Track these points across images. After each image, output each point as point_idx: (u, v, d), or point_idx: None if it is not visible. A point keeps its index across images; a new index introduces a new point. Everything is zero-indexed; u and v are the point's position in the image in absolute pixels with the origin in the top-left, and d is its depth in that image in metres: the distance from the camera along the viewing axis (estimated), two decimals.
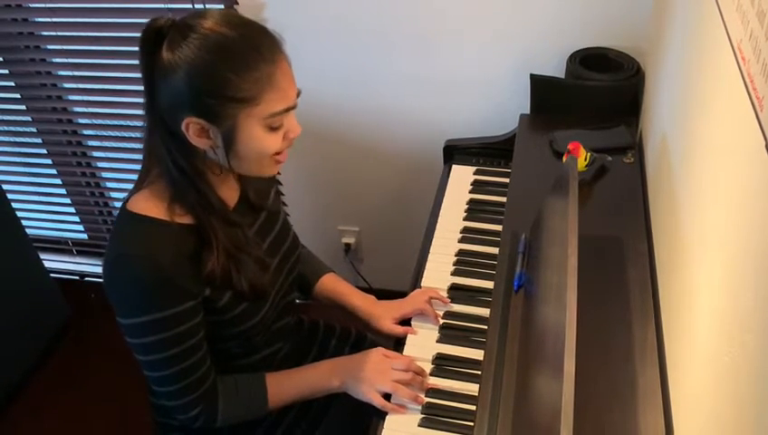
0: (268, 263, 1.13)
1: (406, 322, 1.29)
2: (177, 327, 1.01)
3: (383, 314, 1.28)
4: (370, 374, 1.14)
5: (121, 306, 1.00)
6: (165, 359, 1.02)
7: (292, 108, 0.99)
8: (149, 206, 1.00)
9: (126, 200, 1.04)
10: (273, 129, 0.97)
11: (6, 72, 2.03)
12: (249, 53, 0.92)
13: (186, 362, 1.04)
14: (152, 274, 0.96)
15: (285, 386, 1.17)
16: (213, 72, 0.90)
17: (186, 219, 1.01)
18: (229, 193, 1.08)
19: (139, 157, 2.05)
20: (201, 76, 0.90)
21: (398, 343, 1.26)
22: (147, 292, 0.98)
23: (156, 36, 0.92)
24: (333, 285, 1.35)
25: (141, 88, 0.95)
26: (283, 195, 1.95)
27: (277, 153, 1.00)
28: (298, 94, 0.99)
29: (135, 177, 1.04)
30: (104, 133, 2.12)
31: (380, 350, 1.19)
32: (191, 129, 0.94)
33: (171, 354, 1.02)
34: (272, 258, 1.15)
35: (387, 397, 1.13)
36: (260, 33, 0.95)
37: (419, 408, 1.11)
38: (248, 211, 1.13)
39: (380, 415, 1.11)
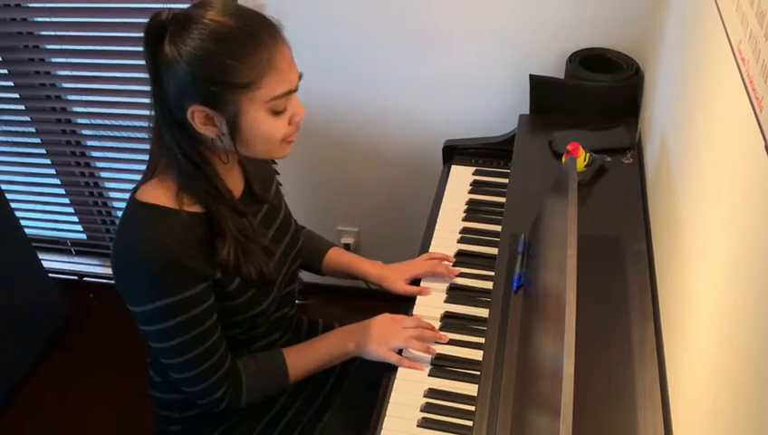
0: (273, 251, 1.16)
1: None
2: (192, 310, 1.02)
3: (395, 277, 1.34)
4: (383, 334, 1.19)
5: (134, 294, 1.01)
6: (182, 344, 1.03)
7: (294, 91, 1.01)
8: (158, 195, 1.02)
9: (134, 191, 1.05)
10: (276, 113, 0.99)
11: (5, 71, 2.03)
12: (248, 39, 0.94)
13: (203, 346, 1.05)
14: (162, 258, 0.98)
15: (304, 357, 1.20)
16: (213, 60, 0.93)
17: (194, 208, 1.03)
18: (234, 184, 1.11)
19: (138, 157, 2.07)
20: (203, 64, 0.93)
21: (407, 304, 1.31)
22: (158, 277, 0.99)
23: (159, 30, 0.94)
24: (340, 257, 1.40)
25: (140, 88, 0.95)
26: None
27: (285, 136, 1.02)
28: (300, 78, 1.01)
29: (134, 176, 1.04)
30: (103, 133, 2.11)
31: (387, 314, 1.24)
32: (196, 117, 0.96)
33: (188, 338, 1.03)
34: (276, 246, 1.18)
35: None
36: (258, 19, 0.98)
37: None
38: (252, 202, 1.15)
39: (379, 413, 1.11)
